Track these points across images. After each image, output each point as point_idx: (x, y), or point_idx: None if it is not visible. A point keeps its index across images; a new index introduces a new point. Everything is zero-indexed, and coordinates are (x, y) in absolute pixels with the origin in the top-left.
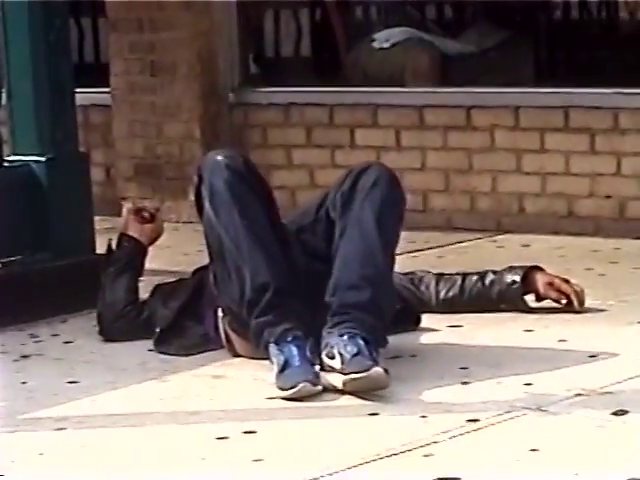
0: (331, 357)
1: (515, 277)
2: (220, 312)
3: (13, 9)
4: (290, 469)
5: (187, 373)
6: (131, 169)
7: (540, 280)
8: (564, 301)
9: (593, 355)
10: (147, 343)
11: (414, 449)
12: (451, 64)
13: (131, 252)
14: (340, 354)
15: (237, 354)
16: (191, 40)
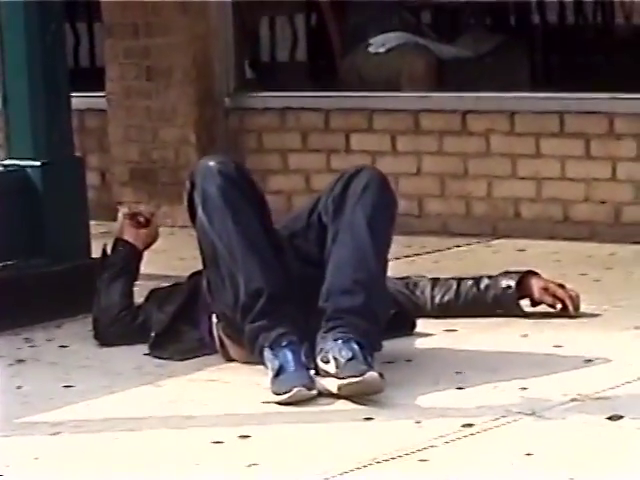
0: (326, 362)
1: (510, 282)
2: (214, 318)
3: (9, 12)
4: (285, 474)
5: (182, 378)
6: (126, 174)
7: (535, 285)
8: (559, 306)
9: (588, 360)
10: (142, 348)
11: (409, 454)
12: (447, 69)
13: (126, 257)
14: (335, 359)
15: (231, 359)
16: (187, 45)
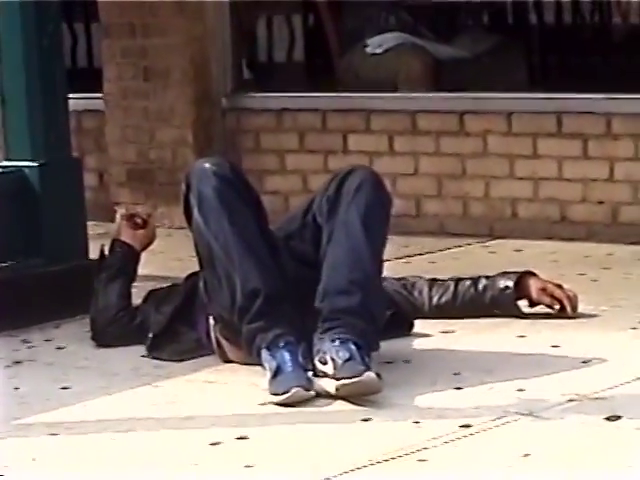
0: (323, 362)
1: (508, 282)
2: (211, 320)
3: (6, 14)
4: (283, 475)
5: (180, 379)
6: (124, 174)
7: (533, 285)
8: (557, 306)
9: (586, 360)
10: (140, 349)
11: (407, 454)
12: (444, 69)
13: (124, 258)
14: (332, 359)
15: (228, 360)
16: (184, 45)
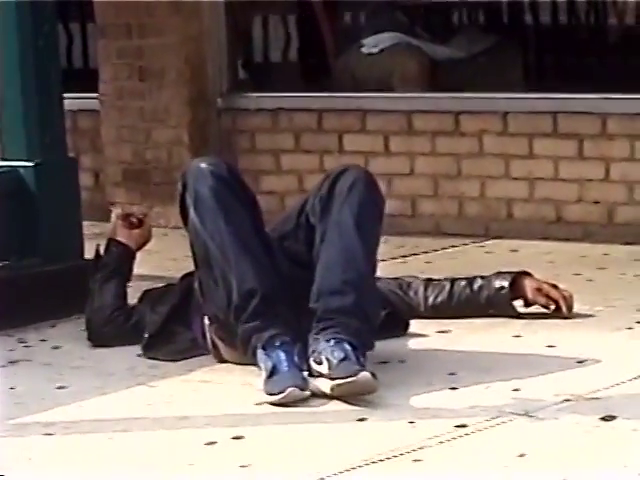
0: (319, 362)
1: (503, 283)
2: (206, 320)
3: (1, 14)
4: (278, 474)
5: (175, 378)
6: (119, 174)
7: (528, 286)
8: (552, 307)
9: (581, 360)
10: (135, 348)
11: (403, 454)
12: (440, 69)
13: (119, 257)
14: (327, 359)
15: (223, 360)
16: (180, 45)
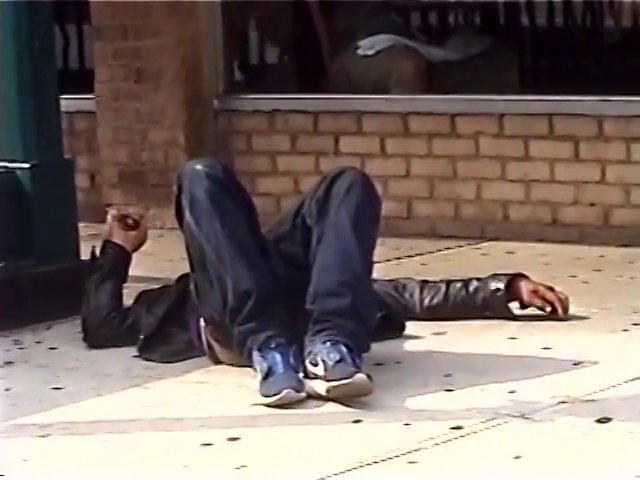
0: (314, 364)
1: (499, 285)
2: (202, 322)
3: None
4: (274, 476)
5: (171, 380)
6: (115, 176)
7: (524, 288)
8: (548, 309)
9: (577, 362)
10: (131, 350)
11: (398, 456)
12: (436, 71)
13: (115, 259)
14: (323, 361)
15: (218, 361)
16: (176, 47)
